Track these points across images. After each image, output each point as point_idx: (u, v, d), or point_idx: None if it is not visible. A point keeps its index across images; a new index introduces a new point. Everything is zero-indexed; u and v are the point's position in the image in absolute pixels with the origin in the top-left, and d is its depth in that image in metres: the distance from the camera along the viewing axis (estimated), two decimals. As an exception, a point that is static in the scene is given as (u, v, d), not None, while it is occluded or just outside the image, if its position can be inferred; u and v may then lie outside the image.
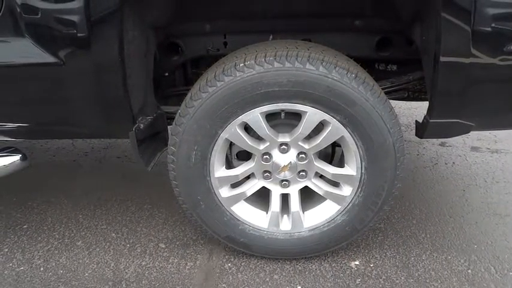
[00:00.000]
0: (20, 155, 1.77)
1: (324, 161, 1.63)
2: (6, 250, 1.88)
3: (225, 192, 1.62)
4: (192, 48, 1.90)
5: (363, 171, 1.53)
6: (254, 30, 1.83)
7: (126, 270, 1.73)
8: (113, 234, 1.96)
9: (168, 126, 1.83)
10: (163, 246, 1.87)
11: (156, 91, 1.82)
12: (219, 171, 1.59)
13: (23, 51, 1.45)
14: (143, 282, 1.66)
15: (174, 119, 1.60)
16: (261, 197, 1.69)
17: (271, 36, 1.83)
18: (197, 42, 1.89)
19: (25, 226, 2.04)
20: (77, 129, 1.68)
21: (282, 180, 1.61)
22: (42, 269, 1.76)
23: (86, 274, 1.72)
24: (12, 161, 1.77)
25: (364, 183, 1.54)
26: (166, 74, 1.98)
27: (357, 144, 1.49)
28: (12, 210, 2.17)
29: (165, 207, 2.14)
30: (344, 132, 1.48)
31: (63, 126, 1.66)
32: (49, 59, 1.44)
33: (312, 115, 1.46)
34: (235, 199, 1.63)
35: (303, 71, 1.41)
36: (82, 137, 1.72)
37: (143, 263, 1.76)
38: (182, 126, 1.52)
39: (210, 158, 1.55)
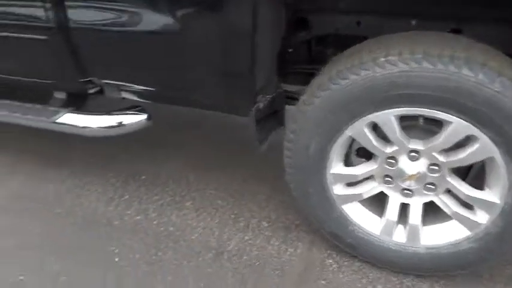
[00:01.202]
0: (146, 115, 1.88)
1: (458, 176, 1.42)
2: (127, 197, 2.06)
3: (338, 189, 1.52)
4: (321, 26, 1.75)
5: (509, 200, 1.29)
6: (393, 12, 1.59)
7: (229, 242, 1.77)
8: (219, 202, 2.01)
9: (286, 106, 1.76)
10: (266, 225, 1.86)
11: (278, 67, 1.74)
12: (337, 167, 1.49)
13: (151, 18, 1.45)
14: (244, 257, 1.69)
15: (292, 98, 1.50)
16: (375, 199, 1.56)
17: (413, 22, 1.58)
18: (327, 20, 1.72)
19: (143, 177, 2.20)
20: (199, 99, 1.69)
21: (404, 189, 1.45)
22: (155, 222, 1.90)
23: (193, 237, 1.81)
24: (139, 119, 1.89)
25: (508, 214, 1.31)
26: (290, 49, 1.87)
27: (508, 169, 1.26)
28: (136, 159, 2.33)
29: (269, 185, 2.07)
30: (495, 153, 1.25)
31: (187, 93, 1.69)
32: (174, 26, 1.43)
33: (459, 127, 1.25)
34: (349, 198, 1.53)
35: (458, 76, 1.19)
36: (203, 108, 1.73)
37: (246, 238, 1.79)
38: (305, 115, 1.43)
39: (329, 152, 1.45)
